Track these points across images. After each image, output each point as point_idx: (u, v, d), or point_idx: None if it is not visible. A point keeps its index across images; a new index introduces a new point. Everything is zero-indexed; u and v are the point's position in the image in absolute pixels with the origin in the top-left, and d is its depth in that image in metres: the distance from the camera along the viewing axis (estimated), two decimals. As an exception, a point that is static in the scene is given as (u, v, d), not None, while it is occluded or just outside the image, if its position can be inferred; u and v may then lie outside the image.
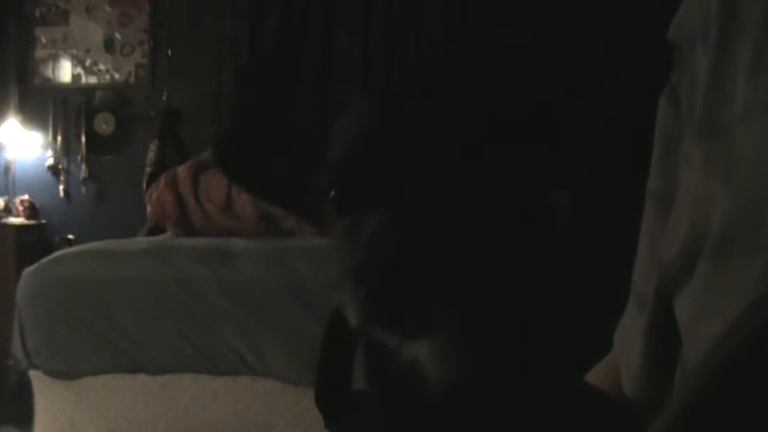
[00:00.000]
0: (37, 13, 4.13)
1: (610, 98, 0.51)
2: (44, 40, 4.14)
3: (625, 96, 0.52)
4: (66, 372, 2.08)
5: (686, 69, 0.55)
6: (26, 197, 4.00)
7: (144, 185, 3.30)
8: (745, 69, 0.48)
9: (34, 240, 3.76)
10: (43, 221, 4.01)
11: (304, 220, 2.41)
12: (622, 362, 0.67)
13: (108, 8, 4.10)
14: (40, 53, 4.15)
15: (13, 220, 3.85)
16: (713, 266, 0.49)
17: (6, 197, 4.03)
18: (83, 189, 4.07)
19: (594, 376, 0.73)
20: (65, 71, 4.14)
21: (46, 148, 4.11)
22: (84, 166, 4.06)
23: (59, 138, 4.10)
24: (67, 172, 4.09)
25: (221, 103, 3.75)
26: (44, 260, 2.20)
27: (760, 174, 0.46)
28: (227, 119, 3.61)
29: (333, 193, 0.55)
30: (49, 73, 4.15)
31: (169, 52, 4.05)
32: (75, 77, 4.14)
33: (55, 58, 4.14)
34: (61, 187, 4.08)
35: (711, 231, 0.49)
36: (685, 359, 0.53)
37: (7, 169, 4.12)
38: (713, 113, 0.50)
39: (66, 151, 4.10)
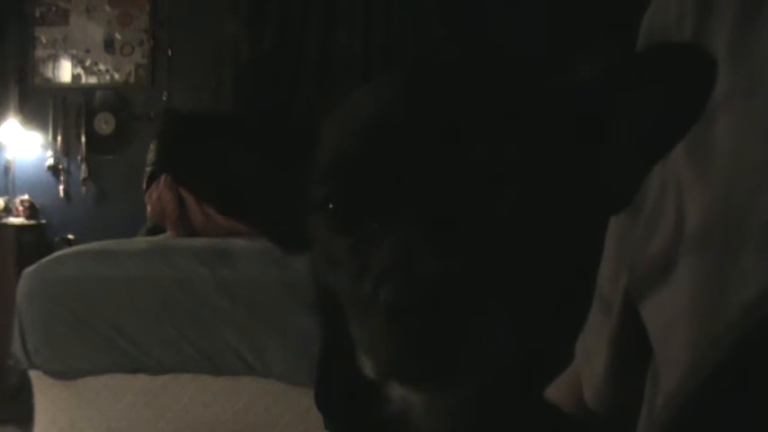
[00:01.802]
0: (37, 13, 4.13)
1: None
2: (44, 40, 4.14)
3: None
4: (66, 372, 2.08)
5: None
6: (26, 197, 4.00)
7: (144, 185, 3.30)
8: (724, 54, 0.47)
9: (34, 240, 3.76)
10: (43, 221, 4.01)
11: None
12: (585, 371, 0.63)
13: (108, 8, 4.10)
14: (40, 53, 4.15)
15: (13, 220, 3.85)
16: (692, 265, 0.45)
17: (6, 197, 4.03)
18: (83, 189, 4.07)
19: (557, 389, 0.67)
20: (65, 71, 4.14)
21: (46, 148, 4.11)
22: (84, 166, 4.06)
23: (59, 138, 4.10)
24: (67, 172, 4.09)
25: (221, 103, 3.74)
26: (44, 260, 2.20)
27: (740, 162, 0.43)
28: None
29: (333, 203, 0.40)
30: (49, 73, 4.15)
31: (169, 52, 4.05)
32: (75, 77, 4.14)
33: (55, 58, 4.14)
34: (61, 187, 4.08)
35: (690, 226, 0.46)
36: (657, 366, 0.49)
37: (7, 169, 4.12)
38: None
39: (66, 151, 4.10)
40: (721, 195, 0.43)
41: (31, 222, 3.91)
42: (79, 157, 4.08)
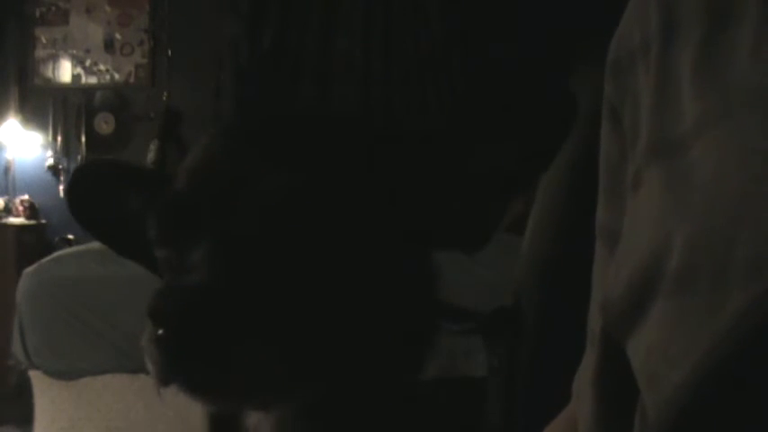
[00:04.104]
0: (37, 13, 4.13)
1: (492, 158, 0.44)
2: (44, 40, 4.14)
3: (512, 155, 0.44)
4: (66, 372, 2.08)
5: (628, 90, 0.51)
6: (26, 197, 4.00)
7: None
8: (689, 78, 0.44)
9: (34, 240, 3.76)
10: (43, 221, 4.01)
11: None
12: (579, 414, 0.60)
13: (108, 8, 4.10)
14: (40, 53, 4.15)
15: (13, 220, 3.85)
16: (675, 303, 0.43)
17: (6, 197, 4.03)
18: (83, 189, 4.07)
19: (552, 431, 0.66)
20: (65, 71, 4.14)
21: (46, 148, 4.11)
22: (84, 166, 4.07)
23: (59, 138, 4.10)
24: (67, 172, 4.09)
25: (221, 103, 3.75)
26: (44, 260, 2.20)
27: (723, 192, 0.40)
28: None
29: (157, 225, 0.46)
30: (49, 73, 4.15)
31: (169, 52, 4.05)
32: (75, 77, 4.14)
33: (55, 58, 4.14)
34: (61, 187, 4.07)
35: (671, 264, 0.43)
36: (644, 407, 0.47)
37: (7, 169, 4.12)
38: (664, 131, 0.46)
39: (66, 151, 4.10)
40: (703, 229, 0.41)
41: (31, 222, 3.91)
42: (79, 157, 4.08)
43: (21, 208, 3.95)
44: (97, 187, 0.55)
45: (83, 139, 4.06)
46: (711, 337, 0.40)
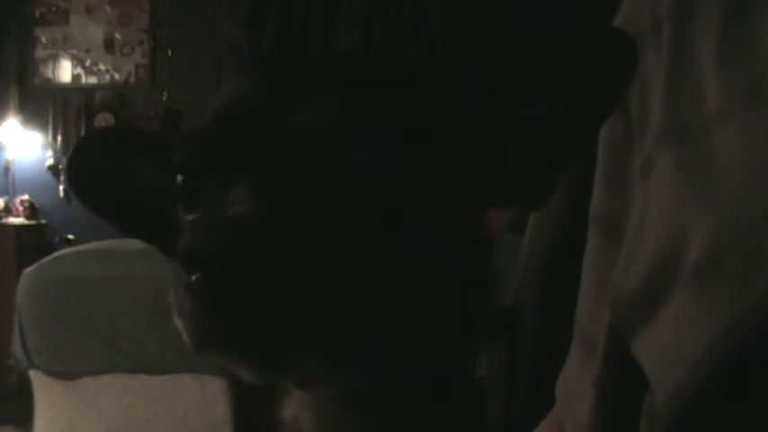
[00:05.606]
0: (37, 13, 4.13)
1: (546, 100, 0.38)
2: (44, 40, 4.14)
3: (564, 102, 0.38)
4: (66, 372, 2.08)
5: (636, 72, 0.49)
6: (26, 197, 4.00)
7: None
8: (712, 60, 0.42)
9: (34, 240, 3.76)
10: (43, 221, 4.01)
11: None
12: (568, 418, 0.58)
13: (108, 8, 4.10)
14: (40, 53, 4.15)
15: (13, 220, 3.85)
16: (696, 296, 0.40)
17: (6, 197, 4.03)
18: (83, 189, 4.07)
19: None
20: (65, 71, 4.14)
21: (46, 148, 4.12)
22: (84, 166, 4.07)
23: (59, 138, 4.10)
24: (67, 172, 4.10)
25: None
26: (44, 260, 2.20)
27: (752, 180, 0.38)
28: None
29: (182, 176, 0.39)
30: (49, 73, 4.15)
31: (169, 52, 4.05)
32: (75, 77, 4.14)
33: (55, 58, 4.14)
34: (61, 187, 4.07)
35: (691, 254, 0.41)
36: (653, 402, 0.45)
37: (7, 169, 4.12)
38: (680, 115, 0.44)
39: (66, 151, 4.10)
40: (731, 219, 0.39)
41: (31, 222, 3.91)
42: (79, 157, 4.08)
43: (21, 208, 3.95)
44: (104, 159, 0.48)
45: (83, 139, 4.06)
46: (725, 328, 0.38)
